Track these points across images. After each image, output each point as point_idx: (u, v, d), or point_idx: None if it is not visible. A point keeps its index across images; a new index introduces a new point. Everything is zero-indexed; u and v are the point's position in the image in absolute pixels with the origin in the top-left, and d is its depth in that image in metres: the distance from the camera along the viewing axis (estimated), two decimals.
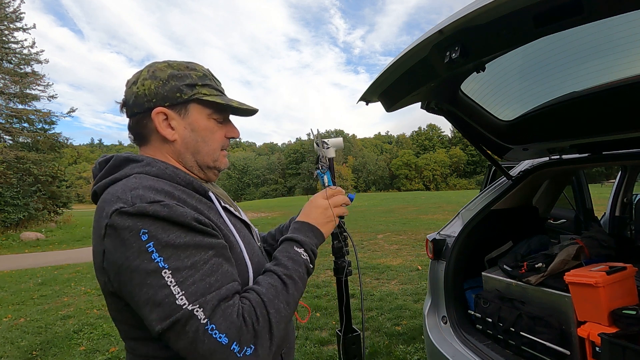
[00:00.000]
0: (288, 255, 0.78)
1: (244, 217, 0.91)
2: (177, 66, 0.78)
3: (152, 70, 0.77)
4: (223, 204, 0.82)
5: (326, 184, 1.03)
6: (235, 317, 0.63)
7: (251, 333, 0.64)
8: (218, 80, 0.84)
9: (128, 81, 0.79)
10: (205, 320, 0.61)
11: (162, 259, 0.61)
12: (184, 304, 0.61)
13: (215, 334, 0.61)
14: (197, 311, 0.61)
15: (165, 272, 0.61)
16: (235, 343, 0.62)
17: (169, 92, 0.75)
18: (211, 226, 0.70)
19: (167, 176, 0.74)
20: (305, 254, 0.80)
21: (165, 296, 0.60)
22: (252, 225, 0.93)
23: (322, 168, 1.05)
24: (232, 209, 0.85)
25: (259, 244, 0.92)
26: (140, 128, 0.79)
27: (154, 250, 0.61)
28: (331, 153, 1.09)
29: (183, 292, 0.61)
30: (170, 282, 0.61)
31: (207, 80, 0.80)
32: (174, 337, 0.61)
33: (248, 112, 0.85)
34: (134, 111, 0.77)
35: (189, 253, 0.64)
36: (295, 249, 0.80)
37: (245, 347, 0.63)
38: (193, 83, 0.77)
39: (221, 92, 0.83)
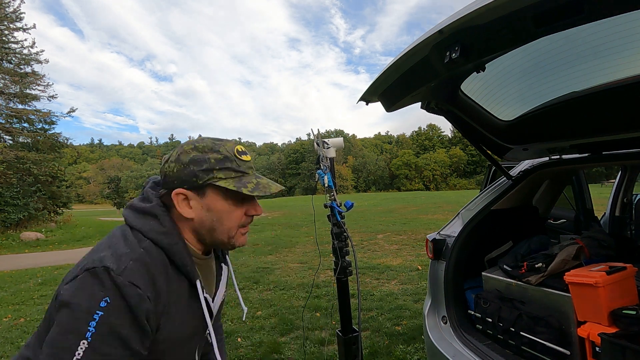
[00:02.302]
0: None
1: (216, 303, 0.96)
2: (203, 148, 0.82)
3: (180, 153, 0.83)
4: (205, 294, 0.87)
5: (326, 184, 1.03)
6: None
7: None
8: (245, 159, 0.86)
9: (164, 157, 0.87)
10: None
11: (94, 332, 0.66)
12: None
13: None
14: None
15: (83, 343, 0.65)
16: None
17: (187, 177, 0.81)
18: (153, 331, 0.75)
19: (169, 253, 0.79)
20: None
21: None
22: (215, 312, 0.96)
23: (323, 168, 1.05)
24: (209, 299, 0.90)
25: (207, 331, 0.94)
26: (168, 201, 0.85)
27: (96, 321, 0.66)
28: (331, 153, 1.10)
29: None
30: (79, 355, 0.64)
31: (227, 163, 0.83)
32: None
33: (261, 193, 0.85)
34: (165, 187, 0.85)
35: (115, 345, 0.68)
36: None
37: None
38: (210, 168, 0.81)
39: (242, 172, 0.85)
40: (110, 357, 0.67)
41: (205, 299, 0.87)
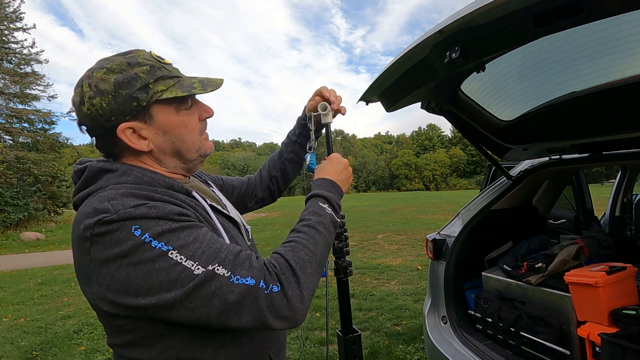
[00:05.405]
0: (312, 210, 0.80)
1: (233, 214, 0.89)
2: (118, 67, 0.67)
3: (95, 84, 0.66)
4: (209, 202, 0.80)
5: (307, 162, 1.02)
6: (256, 263, 0.65)
7: (273, 275, 0.64)
8: (167, 63, 0.74)
9: (73, 101, 0.70)
10: (229, 273, 0.61)
11: (162, 244, 0.59)
12: (203, 270, 0.60)
13: (240, 280, 0.61)
14: (217, 269, 0.61)
15: (171, 253, 0.59)
16: (261, 281, 0.62)
17: (124, 105, 0.67)
18: (198, 219, 0.71)
19: (145, 183, 0.70)
20: (329, 208, 0.82)
21: (180, 272, 0.59)
22: (241, 222, 0.91)
23: (309, 150, 1.05)
24: (219, 207, 0.83)
25: (248, 242, 0.89)
26: (110, 147, 0.73)
27: (152, 240, 0.59)
28: (328, 119, 1.05)
29: (197, 262, 0.60)
30: (181, 259, 0.59)
31: (158, 72, 0.70)
32: (199, 302, 0.60)
33: (214, 87, 0.77)
34: (97, 133, 0.71)
35: (187, 232, 0.63)
36: (320, 204, 0.82)
37: (271, 285, 0.63)
38: (145, 84, 0.68)
39: (177, 77, 0.73)
40: (200, 236, 0.63)
41: (216, 206, 0.81)
